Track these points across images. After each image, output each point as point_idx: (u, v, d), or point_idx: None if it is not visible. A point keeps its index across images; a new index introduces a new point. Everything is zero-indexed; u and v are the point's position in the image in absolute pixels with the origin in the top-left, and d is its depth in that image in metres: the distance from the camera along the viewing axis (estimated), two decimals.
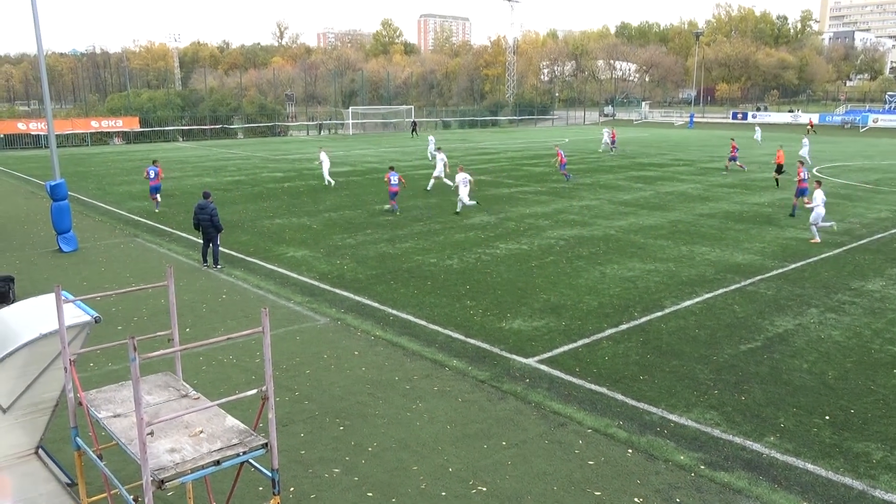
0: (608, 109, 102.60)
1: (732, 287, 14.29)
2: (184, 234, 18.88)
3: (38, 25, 17.24)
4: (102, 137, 57.65)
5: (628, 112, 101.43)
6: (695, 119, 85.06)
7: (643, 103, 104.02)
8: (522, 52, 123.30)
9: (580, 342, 11.16)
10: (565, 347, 10.95)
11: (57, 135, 52.70)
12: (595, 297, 13.59)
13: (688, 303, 13.21)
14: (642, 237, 19.09)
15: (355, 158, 42.55)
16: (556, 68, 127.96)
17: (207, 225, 15.72)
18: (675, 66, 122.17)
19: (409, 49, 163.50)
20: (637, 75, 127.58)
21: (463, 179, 22.98)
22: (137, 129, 58.70)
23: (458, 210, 22.95)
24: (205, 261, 16.01)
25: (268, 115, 69.26)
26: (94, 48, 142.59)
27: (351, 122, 71.92)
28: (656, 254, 17.14)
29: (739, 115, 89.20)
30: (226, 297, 13.81)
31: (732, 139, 38.55)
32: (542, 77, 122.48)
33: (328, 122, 75.73)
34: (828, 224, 19.19)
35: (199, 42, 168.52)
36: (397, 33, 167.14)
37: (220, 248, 17.85)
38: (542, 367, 10.22)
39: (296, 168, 37.07)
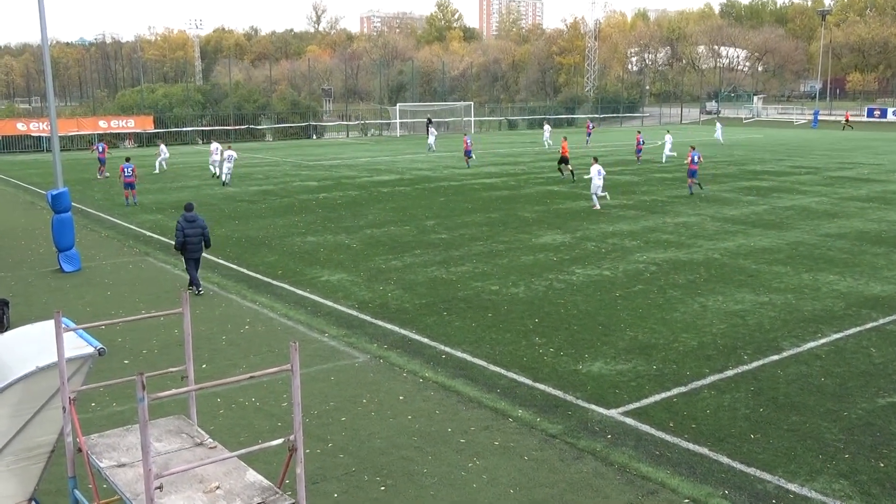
0: (711, 105, 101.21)
1: (868, 325, 13.84)
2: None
3: (42, 12, 18.09)
4: (112, 139, 59.80)
5: (736, 108, 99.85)
6: (820, 117, 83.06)
7: (755, 98, 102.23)
8: (605, 36, 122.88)
9: (675, 391, 10.96)
10: (657, 397, 10.76)
11: (61, 136, 54.78)
12: (694, 335, 13.34)
13: (811, 344, 12.84)
14: (753, 262, 18.70)
15: (403, 165, 43.01)
16: (646, 56, 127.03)
17: (197, 242, 16.01)
18: (794, 53, 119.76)
19: (468, 35, 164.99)
20: (747, 64, 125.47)
21: (215, 150, 35.91)
22: (151, 129, 60.65)
23: (224, 181, 33.91)
24: (199, 286, 16.26)
25: (301, 113, 70.76)
26: (104, 37, 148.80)
27: (398, 121, 72.84)
28: (771, 283, 16.76)
29: (877, 112, 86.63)
30: (248, 329, 14.07)
31: (638, 132, 46.80)
32: (629, 67, 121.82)
33: (372, 121, 76.90)
34: (602, 194, 26.74)
35: (223, 29, 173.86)
36: (455, 16, 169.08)
37: (243, 271, 18.22)
38: (628, 420, 10.06)
39: (333, 176, 37.73)
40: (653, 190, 31.56)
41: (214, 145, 38.45)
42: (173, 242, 16.72)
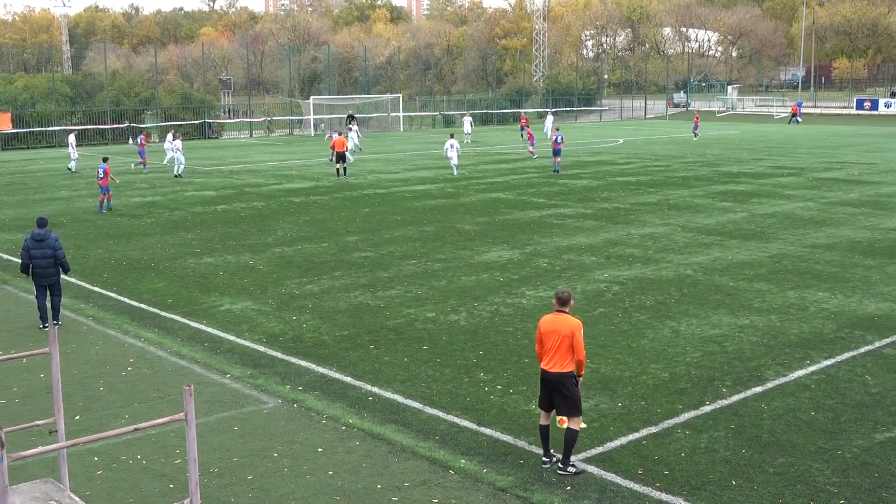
0: (679, 97, 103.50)
1: (862, 349, 14.21)
2: (72, 280, 18.96)
3: None
4: None
5: (708, 100, 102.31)
6: (804, 109, 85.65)
7: (729, 88, 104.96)
8: (556, 17, 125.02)
9: (644, 431, 11.09)
10: (623, 440, 10.88)
11: None
12: (665, 365, 13.54)
13: (799, 373, 13.13)
14: (731, 279, 19.10)
15: (319, 170, 42.86)
16: (604, 40, 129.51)
17: (48, 266, 15.69)
18: (773, 36, 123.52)
19: (396, 15, 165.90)
20: (720, 49, 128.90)
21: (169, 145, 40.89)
22: (9, 129, 59.25)
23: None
24: (46, 320, 15.92)
25: (194, 108, 70.02)
26: None
27: (312, 117, 72.63)
28: (752, 303, 17.12)
29: (867, 104, 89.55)
30: (132, 371, 13.80)
31: (523, 113, 56.42)
32: (584, 53, 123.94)
33: (280, 117, 76.46)
34: (456, 162, 38.45)
35: (96, 7, 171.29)
36: None
37: (124, 300, 17.90)
38: (590, 467, 10.15)
39: (234, 184, 37.37)
40: (614, 196, 32.03)
41: (170, 142, 42.68)
42: None
